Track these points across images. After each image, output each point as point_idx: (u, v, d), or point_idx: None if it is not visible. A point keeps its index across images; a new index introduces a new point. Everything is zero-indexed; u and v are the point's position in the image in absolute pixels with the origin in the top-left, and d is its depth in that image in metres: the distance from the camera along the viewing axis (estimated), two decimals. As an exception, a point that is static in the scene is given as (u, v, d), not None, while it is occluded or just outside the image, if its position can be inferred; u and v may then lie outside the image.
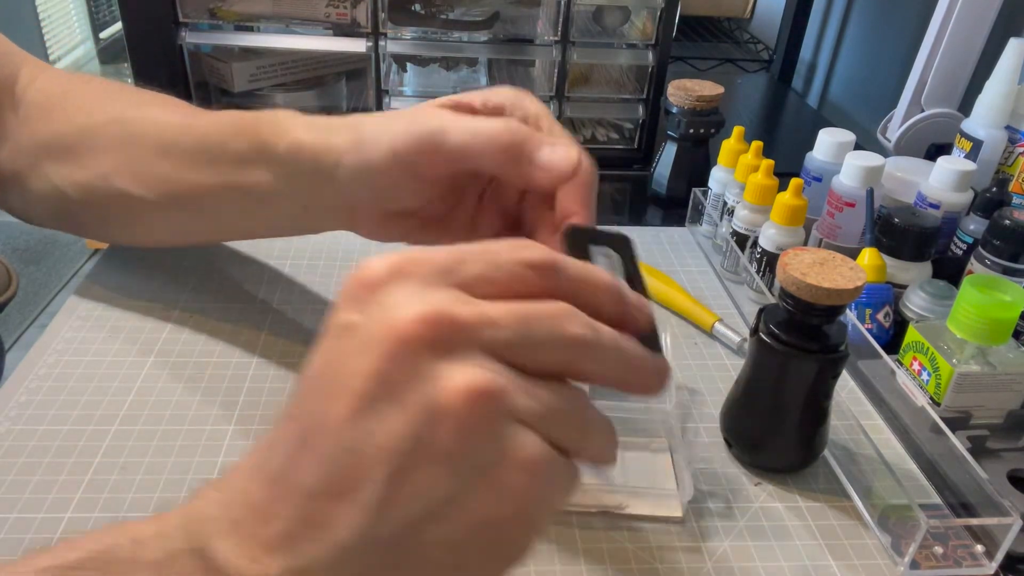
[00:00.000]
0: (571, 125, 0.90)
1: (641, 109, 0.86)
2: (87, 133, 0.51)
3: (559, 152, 0.38)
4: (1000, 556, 0.40)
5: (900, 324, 0.55)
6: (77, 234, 0.59)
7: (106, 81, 0.56)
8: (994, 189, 0.59)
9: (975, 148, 0.66)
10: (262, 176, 0.46)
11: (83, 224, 0.56)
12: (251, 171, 0.47)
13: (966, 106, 0.72)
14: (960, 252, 0.60)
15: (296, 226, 0.51)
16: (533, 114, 0.42)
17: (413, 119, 0.42)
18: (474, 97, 0.43)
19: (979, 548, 0.41)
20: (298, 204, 0.47)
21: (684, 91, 0.74)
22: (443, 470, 0.24)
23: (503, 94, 0.43)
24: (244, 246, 0.65)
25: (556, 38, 0.82)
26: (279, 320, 0.57)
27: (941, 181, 0.61)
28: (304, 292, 0.60)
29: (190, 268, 0.61)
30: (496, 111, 0.42)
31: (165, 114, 0.52)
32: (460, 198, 0.46)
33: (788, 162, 0.77)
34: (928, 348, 0.49)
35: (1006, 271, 0.54)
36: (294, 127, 0.45)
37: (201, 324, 0.56)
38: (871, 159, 0.61)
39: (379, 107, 0.84)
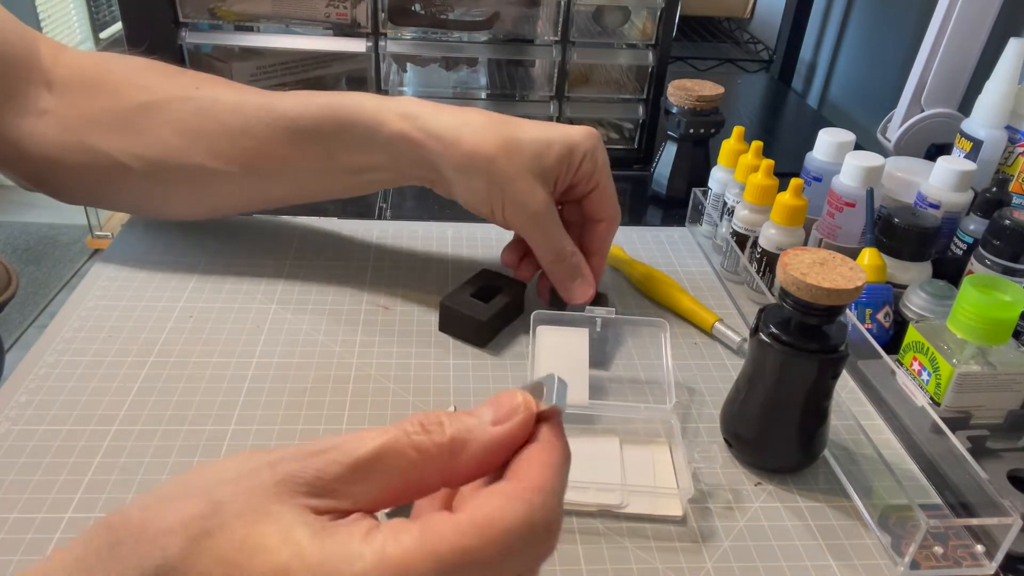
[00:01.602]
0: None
1: (641, 109, 0.86)
2: (151, 108, 0.54)
3: (578, 292, 0.55)
4: (1000, 556, 0.40)
5: (900, 324, 0.55)
6: (119, 209, 0.62)
7: (144, 59, 0.58)
8: (994, 189, 0.59)
9: (975, 148, 0.66)
10: (364, 157, 0.54)
11: (136, 197, 0.58)
12: (351, 152, 0.54)
13: (966, 106, 0.72)
14: (960, 252, 0.60)
15: (380, 183, 0.58)
16: (600, 165, 0.54)
17: (520, 180, 0.51)
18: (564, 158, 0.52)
19: (979, 548, 0.41)
20: (392, 175, 0.56)
21: (684, 91, 0.74)
22: None
23: (586, 143, 0.52)
24: (247, 240, 0.65)
25: (556, 38, 0.82)
26: (279, 321, 0.57)
27: (941, 181, 0.61)
28: (301, 293, 0.60)
29: (190, 267, 0.61)
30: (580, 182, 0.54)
31: (232, 93, 0.56)
32: None
33: (788, 162, 0.77)
34: (928, 348, 0.49)
35: (1006, 271, 0.54)
36: (389, 117, 0.52)
37: (201, 324, 0.56)
38: (871, 159, 0.61)
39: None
